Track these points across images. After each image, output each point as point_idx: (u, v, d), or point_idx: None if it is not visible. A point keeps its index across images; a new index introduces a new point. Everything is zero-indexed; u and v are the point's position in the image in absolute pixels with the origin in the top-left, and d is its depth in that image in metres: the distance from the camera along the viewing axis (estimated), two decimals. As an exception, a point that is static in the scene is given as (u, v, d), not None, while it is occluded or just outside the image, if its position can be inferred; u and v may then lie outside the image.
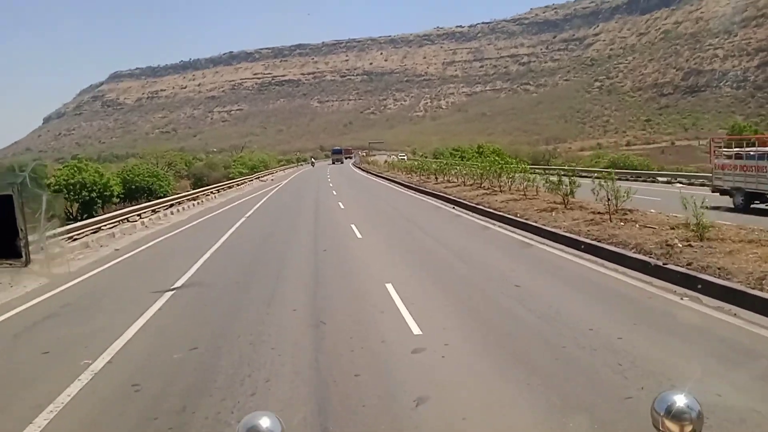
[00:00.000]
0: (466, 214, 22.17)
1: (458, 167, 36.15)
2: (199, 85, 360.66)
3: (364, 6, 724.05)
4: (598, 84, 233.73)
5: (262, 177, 64.02)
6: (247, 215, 26.26)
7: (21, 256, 1.89)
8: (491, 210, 20.59)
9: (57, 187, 33.88)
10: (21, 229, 1.86)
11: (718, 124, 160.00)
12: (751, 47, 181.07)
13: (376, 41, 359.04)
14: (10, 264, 1.92)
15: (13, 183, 1.86)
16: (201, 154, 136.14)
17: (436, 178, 37.35)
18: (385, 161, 77.58)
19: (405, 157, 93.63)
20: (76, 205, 36.68)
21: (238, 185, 49.80)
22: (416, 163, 57.53)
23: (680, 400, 1.53)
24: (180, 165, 63.02)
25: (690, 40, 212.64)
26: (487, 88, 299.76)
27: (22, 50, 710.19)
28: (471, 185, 29.87)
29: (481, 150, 62.92)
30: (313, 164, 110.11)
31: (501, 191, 25.59)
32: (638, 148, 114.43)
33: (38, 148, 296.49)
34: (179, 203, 31.44)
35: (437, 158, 70.19)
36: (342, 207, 27.74)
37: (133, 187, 38.47)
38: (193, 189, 60.24)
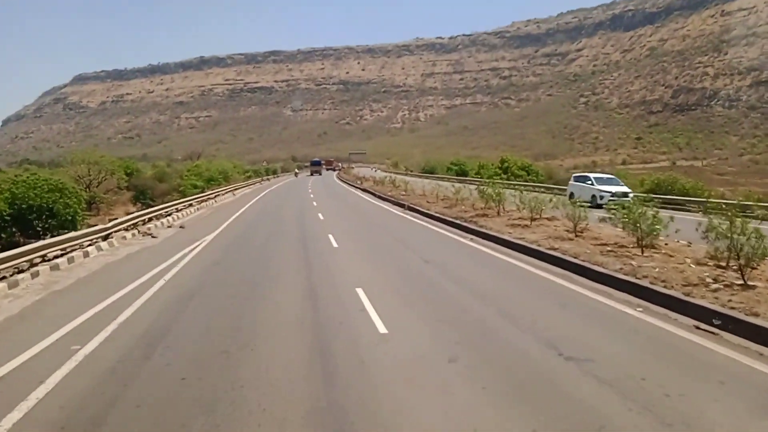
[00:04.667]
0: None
1: None
2: (167, 89, 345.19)
3: (341, 14, 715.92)
4: (583, 100, 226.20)
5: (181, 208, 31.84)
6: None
7: None
8: None
9: None
10: None
11: (713, 144, 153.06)
12: (743, 66, 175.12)
13: (354, 50, 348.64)
14: None
15: None
16: (162, 162, 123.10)
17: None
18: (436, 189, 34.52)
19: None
20: None
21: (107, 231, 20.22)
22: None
23: None
24: (120, 173, 50.32)
25: (677, 57, 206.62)
26: (468, 101, 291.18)
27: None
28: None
29: (506, 166, 49.37)
30: (296, 174, 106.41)
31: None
32: (636, 167, 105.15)
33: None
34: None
35: (431, 174, 56.76)
36: None
37: (23, 207, 25.79)
38: (134, 206, 48.10)
